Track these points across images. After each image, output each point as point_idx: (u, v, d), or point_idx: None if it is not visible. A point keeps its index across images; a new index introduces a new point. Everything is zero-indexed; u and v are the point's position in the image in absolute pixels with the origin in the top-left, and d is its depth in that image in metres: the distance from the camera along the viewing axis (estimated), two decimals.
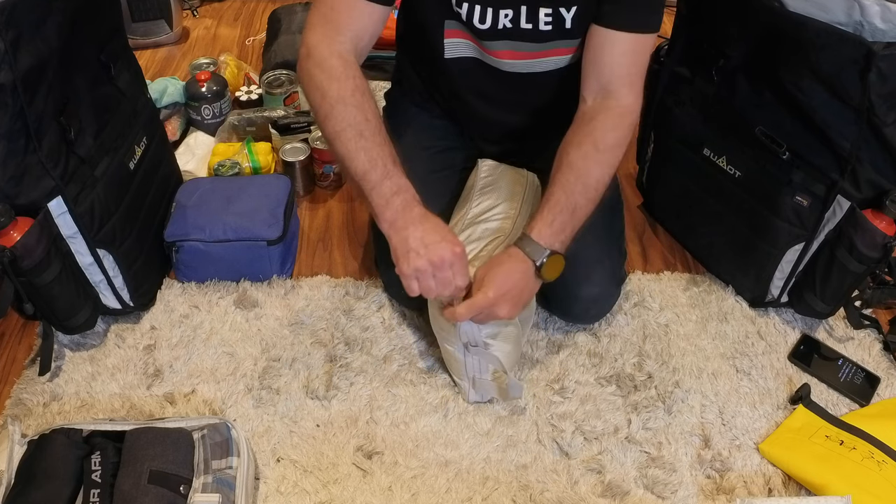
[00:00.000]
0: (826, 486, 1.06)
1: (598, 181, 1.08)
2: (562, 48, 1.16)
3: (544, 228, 1.05)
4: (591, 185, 1.07)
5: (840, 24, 1.08)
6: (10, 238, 1.06)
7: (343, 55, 1.05)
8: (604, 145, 1.08)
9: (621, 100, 1.10)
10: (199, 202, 1.39)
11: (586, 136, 1.08)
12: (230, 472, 0.99)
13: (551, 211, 1.06)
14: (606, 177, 1.09)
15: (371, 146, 1.03)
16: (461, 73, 1.23)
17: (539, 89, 1.23)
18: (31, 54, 1.02)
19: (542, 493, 1.09)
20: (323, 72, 1.04)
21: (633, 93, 1.11)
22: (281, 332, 1.31)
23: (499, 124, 1.32)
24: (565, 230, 1.06)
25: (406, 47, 1.33)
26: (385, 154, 1.03)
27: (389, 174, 1.02)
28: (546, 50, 1.16)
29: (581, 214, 1.08)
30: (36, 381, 1.22)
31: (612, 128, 1.09)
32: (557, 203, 1.06)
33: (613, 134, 1.09)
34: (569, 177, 1.07)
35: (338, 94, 1.03)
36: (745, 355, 1.28)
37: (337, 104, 1.03)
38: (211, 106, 1.74)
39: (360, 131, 1.03)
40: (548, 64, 1.19)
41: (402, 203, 1.02)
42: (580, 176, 1.07)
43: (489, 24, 1.12)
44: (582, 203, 1.07)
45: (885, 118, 1.07)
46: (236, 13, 2.38)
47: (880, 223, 1.14)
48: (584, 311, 1.28)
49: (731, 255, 1.36)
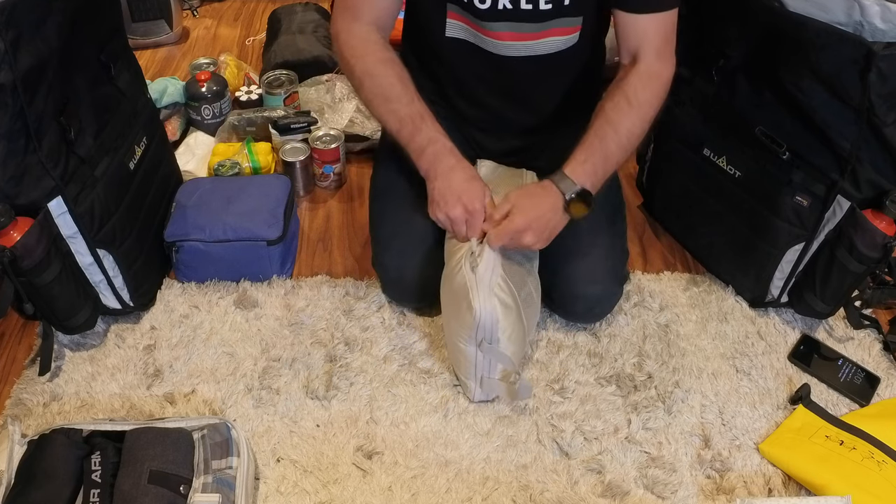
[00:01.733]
0: (826, 486, 1.06)
1: (630, 131, 1.14)
2: (561, 27, 1.18)
3: (577, 167, 1.12)
4: (622, 134, 1.14)
5: (840, 24, 1.08)
6: (10, 238, 1.06)
7: (362, 35, 1.17)
8: (636, 101, 1.15)
9: (651, 66, 1.17)
10: (199, 202, 1.39)
11: (619, 92, 1.16)
12: (230, 472, 0.99)
13: (585, 152, 1.13)
14: (637, 129, 1.15)
15: (399, 107, 1.15)
16: (461, 58, 1.24)
17: (538, 76, 1.24)
18: (31, 54, 1.02)
19: (542, 493, 1.09)
20: (347, 51, 1.18)
21: (660, 60, 1.17)
22: (281, 332, 1.31)
23: (499, 116, 1.32)
24: (597, 172, 1.13)
25: (410, 37, 1.34)
26: (413, 112, 1.14)
27: (419, 129, 1.14)
28: (545, 30, 1.18)
29: (612, 161, 1.15)
30: (36, 381, 1.22)
31: (643, 87, 1.16)
32: (591, 146, 1.13)
33: (644, 92, 1.16)
34: (603, 125, 1.14)
35: (363, 69, 1.16)
36: (745, 355, 1.28)
37: (364, 77, 1.16)
38: (211, 106, 1.74)
39: (387, 96, 1.15)
40: (547, 46, 1.20)
41: (432, 154, 1.13)
42: (612, 125, 1.14)
43: (489, 4, 1.15)
44: (613, 150, 1.14)
45: (885, 118, 1.07)
46: (236, 13, 2.38)
47: (880, 223, 1.14)
48: (587, 310, 1.29)
49: (731, 255, 1.36)
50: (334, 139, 1.62)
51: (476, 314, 1.06)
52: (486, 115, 1.33)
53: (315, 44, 1.93)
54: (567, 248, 1.24)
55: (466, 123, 1.36)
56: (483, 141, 1.37)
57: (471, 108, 1.33)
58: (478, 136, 1.37)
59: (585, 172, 1.12)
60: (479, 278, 1.07)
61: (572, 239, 1.25)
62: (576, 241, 1.24)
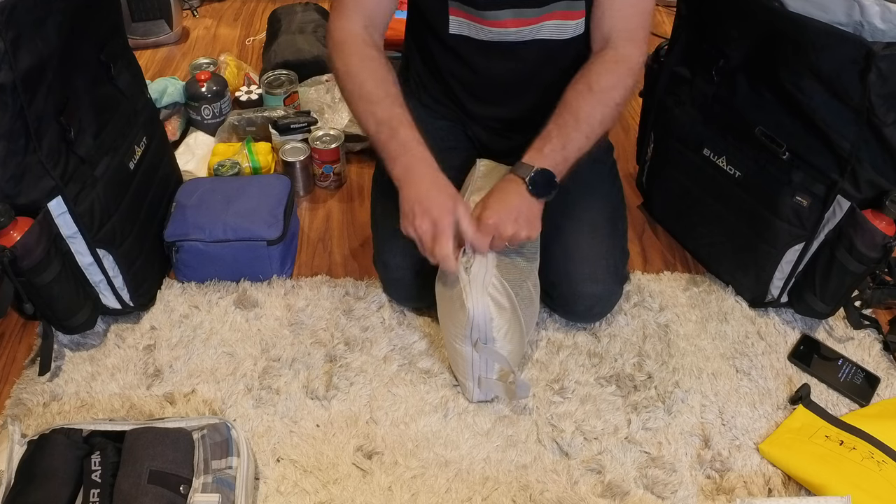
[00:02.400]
0: (826, 487, 1.06)
1: (590, 117, 1.13)
2: (562, 10, 1.19)
3: (535, 154, 1.12)
4: (581, 120, 1.13)
5: (840, 25, 1.08)
6: (10, 238, 1.06)
7: (352, 33, 1.16)
8: (598, 87, 1.14)
9: (619, 50, 1.16)
10: (199, 202, 1.39)
11: (581, 78, 1.15)
12: (230, 472, 0.99)
13: (543, 139, 1.13)
14: (598, 114, 1.14)
15: (378, 110, 1.12)
16: (465, 53, 1.25)
17: (543, 65, 1.25)
18: (31, 54, 1.02)
19: (542, 493, 1.09)
20: (335, 51, 1.16)
21: (631, 44, 1.17)
22: (281, 332, 1.31)
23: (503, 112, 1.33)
24: (555, 157, 1.12)
25: (414, 36, 1.34)
26: (393, 115, 1.11)
27: (395, 134, 1.10)
28: (546, 14, 1.18)
29: (573, 147, 1.13)
30: (36, 381, 1.22)
31: (606, 71, 1.15)
32: (549, 134, 1.13)
33: (607, 77, 1.15)
34: (562, 113, 1.13)
35: (345, 68, 1.14)
36: (745, 355, 1.28)
37: (346, 76, 1.14)
38: (211, 106, 1.74)
39: (366, 97, 1.12)
40: (549, 29, 1.20)
41: (404, 164, 1.10)
42: (572, 111, 1.13)
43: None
44: (574, 136, 1.12)
45: (885, 118, 1.07)
46: (236, 13, 2.39)
47: (880, 223, 1.14)
48: (587, 310, 1.29)
49: (730, 256, 1.36)
50: (334, 139, 1.62)
51: (469, 313, 1.06)
52: (490, 112, 1.33)
53: (315, 44, 1.93)
54: (567, 247, 1.24)
55: (471, 121, 1.36)
56: (486, 139, 1.37)
57: (475, 106, 1.33)
58: (481, 134, 1.37)
59: (542, 157, 1.11)
60: (472, 278, 1.07)
61: (573, 239, 1.25)
62: (576, 240, 1.24)
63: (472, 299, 1.06)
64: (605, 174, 1.37)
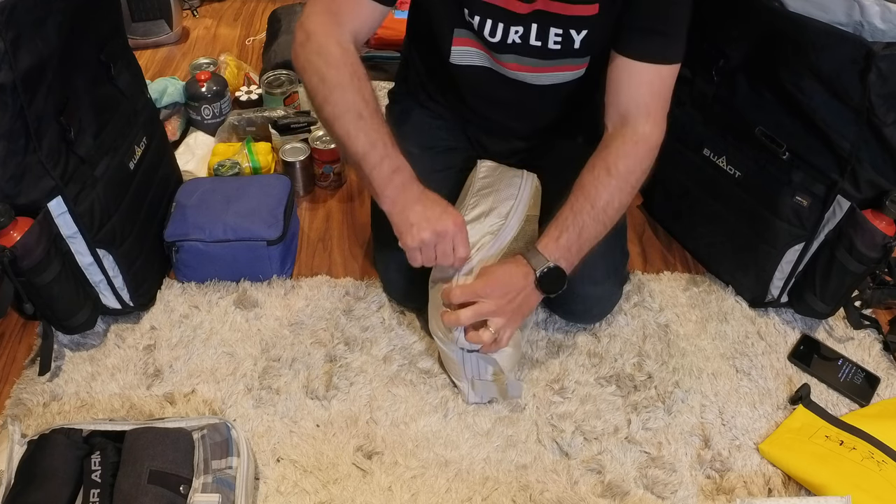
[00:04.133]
0: (826, 487, 1.06)
1: (608, 204, 1.09)
2: (569, 65, 1.18)
3: (550, 243, 1.08)
4: (599, 207, 1.08)
5: (840, 25, 1.08)
6: (9, 238, 1.06)
7: (342, 44, 1.08)
8: (615, 171, 1.08)
9: (637, 128, 1.10)
10: (199, 202, 1.39)
11: (600, 161, 1.10)
12: (230, 472, 0.99)
13: (558, 228, 1.08)
14: (616, 201, 1.10)
15: (370, 128, 1.05)
16: (467, 78, 1.24)
17: (545, 99, 1.24)
18: (31, 54, 1.02)
19: (542, 493, 1.09)
20: (321, 58, 1.07)
21: (650, 122, 1.10)
22: (281, 332, 1.31)
23: (503, 126, 1.33)
24: (571, 248, 1.08)
25: (416, 42, 1.34)
26: (383, 135, 1.06)
27: (389, 154, 1.06)
28: (553, 66, 1.18)
29: (588, 235, 1.09)
30: (36, 381, 1.22)
31: (625, 154, 1.09)
32: (565, 221, 1.08)
33: (626, 161, 1.09)
34: (579, 198, 1.09)
35: (336, 80, 1.06)
36: (745, 355, 1.28)
37: (335, 89, 1.06)
38: (211, 106, 1.74)
39: (360, 114, 1.05)
40: (553, 78, 1.20)
41: (401, 181, 1.06)
42: (589, 198, 1.08)
43: (499, 38, 1.14)
44: (590, 224, 1.08)
45: (885, 118, 1.07)
46: (236, 13, 2.38)
47: (880, 223, 1.14)
48: (586, 310, 1.28)
49: (730, 256, 1.36)
50: None
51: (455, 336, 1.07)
52: (489, 122, 1.33)
53: None
54: None
55: (470, 125, 1.36)
56: (486, 142, 1.37)
57: (475, 115, 1.33)
58: (482, 137, 1.37)
59: (559, 248, 1.08)
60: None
61: None
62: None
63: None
64: None
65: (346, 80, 1.06)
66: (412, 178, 1.07)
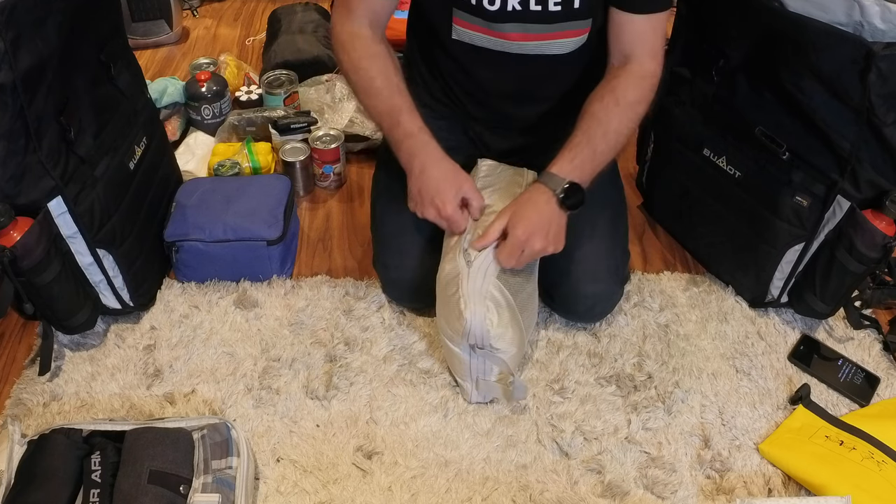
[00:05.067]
0: (826, 487, 1.06)
1: (618, 131, 1.16)
2: (572, 30, 1.19)
3: (565, 164, 1.14)
4: (610, 133, 1.15)
5: (840, 25, 1.08)
6: (9, 238, 1.06)
7: (354, 31, 1.19)
8: (624, 101, 1.16)
9: (644, 65, 1.18)
10: (199, 202, 1.39)
11: (608, 91, 1.16)
12: (230, 472, 0.99)
13: (572, 150, 1.14)
14: (625, 128, 1.17)
15: (379, 102, 1.17)
16: (467, 58, 1.25)
17: (546, 74, 1.25)
18: (31, 54, 1.02)
19: (541, 493, 1.09)
20: (340, 47, 1.21)
21: (654, 60, 1.18)
22: (281, 332, 1.31)
23: (504, 113, 1.33)
24: (584, 168, 1.14)
25: (418, 38, 1.34)
26: (392, 106, 1.16)
27: (398, 123, 1.15)
28: (555, 32, 1.19)
29: (601, 159, 1.16)
30: (36, 381, 1.22)
31: (633, 87, 1.17)
32: (578, 144, 1.14)
33: (634, 92, 1.17)
34: (591, 124, 1.15)
35: (350, 63, 1.19)
36: (745, 355, 1.28)
37: (350, 71, 1.19)
38: (211, 106, 1.74)
39: (368, 91, 1.18)
40: (558, 46, 1.21)
41: (408, 149, 1.15)
42: (601, 124, 1.15)
43: (498, 6, 1.15)
44: (602, 148, 1.15)
45: (885, 118, 1.07)
46: (236, 13, 2.39)
47: (880, 223, 1.14)
48: (588, 310, 1.29)
49: (730, 256, 1.36)
50: (334, 139, 1.62)
51: (467, 323, 1.07)
52: (490, 113, 1.33)
53: (315, 44, 1.93)
54: (568, 247, 1.24)
55: (472, 121, 1.36)
56: (487, 139, 1.37)
57: (476, 106, 1.33)
58: (483, 134, 1.37)
59: (573, 168, 1.13)
60: (471, 284, 1.07)
61: (574, 239, 1.25)
62: (577, 240, 1.24)
63: (470, 309, 1.06)
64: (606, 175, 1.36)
65: (356, 62, 1.18)
66: (424, 145, 1.15)
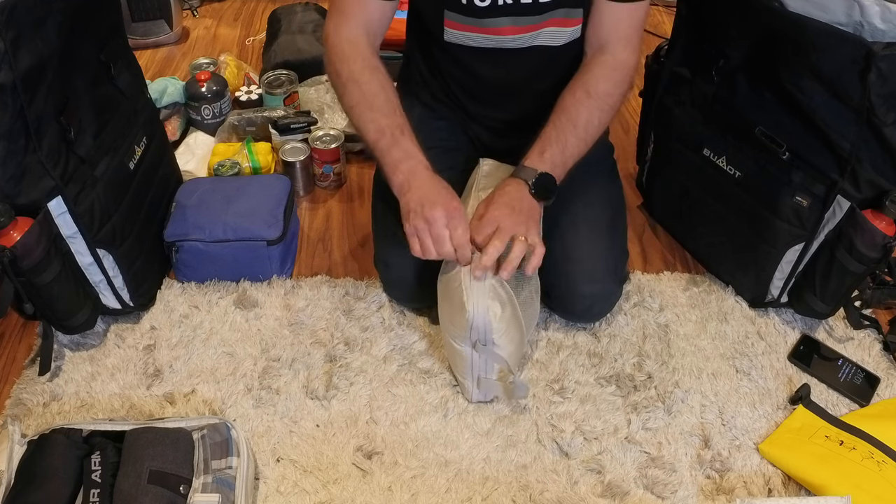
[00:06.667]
0: (826, 487, 1.06)
1: (588, 123, 1.16)
2: (564, 18, 1.19)
3: (535, 158, 1.14)
4: (580, 126, 1.15)
5: (840, 25, 1.08)
6: (9, 238, 1.06)
7: (351, 39, 1.16)
8: (595, 92, 1.16)
9: (617, 55, 1.18)
10: (199, 202, 1.39)
11: (580, 84, 1.17)
12: (230, 472, 0.99)
13: (542, 144, 1.15)
14: (596, 120, 1.17)
15: (379, 117, 1.13)
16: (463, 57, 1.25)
17: (541, 68, 1.25)
18: (31, 54, 1.02)
19: (541, 493, 1.09)
20: (335, 55, 1.16)
21: (627, 49, 1.18)
22: (281, 332, 1.31)
23: (503, 112, 1.33)
24: (555, 160, 1.14)
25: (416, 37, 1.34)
26: (394, 123, 1.12)
27: (397, 142, 1.11)
28: (548, 20, 1.19)
29: (572, 151, 1.15)
30: (36, 381, 1.22)
31: (604, 77, 1.17)
32: (548, 138, 1.15)
33: (605, 83, 1.17)
34: (561, 117, 1.15)
35: (348, 74, 1.15)
36: (745, 355, 1.28)
37: (348, 82, 1.15)
38: (211, 106, 1.74)
39: (370, 105, 1.13)
40: (548, 36, 1.21)
41: (407, 168, 1.10)
42: (570, 117, 1.15)
43: (489, 2, 1.15)
44: (572, 142, 1.15)
45: (885, 118, 1.07)
46: (236, 13, 2.39)
47: (880, 223, 1.14)
48: (586, 309, 1.29)
49: (730, 256, 1.36)
50: (334, 139, 1.62)
51: (469, 315, 1.07)
52: (489, 112, 1.34)
53: (315, 44, 1.93)
54: (567, 247, 1.24)
55: (471, 121, 1.36)
56: (487, 139, 1.38)
57: (475, 106, 1.33)
58: (482, 134, 1.37)
59: (544, 162, 1.13)
60: (473, 280, 1.07)
61: (573, 238, 1.25)
62: (576, 240, 1.24)
63: (472, 302, 1.06)
64: (606, 174, 1.37)
65: (356, 73, 1.14)
66: (419, 167, 1.11)
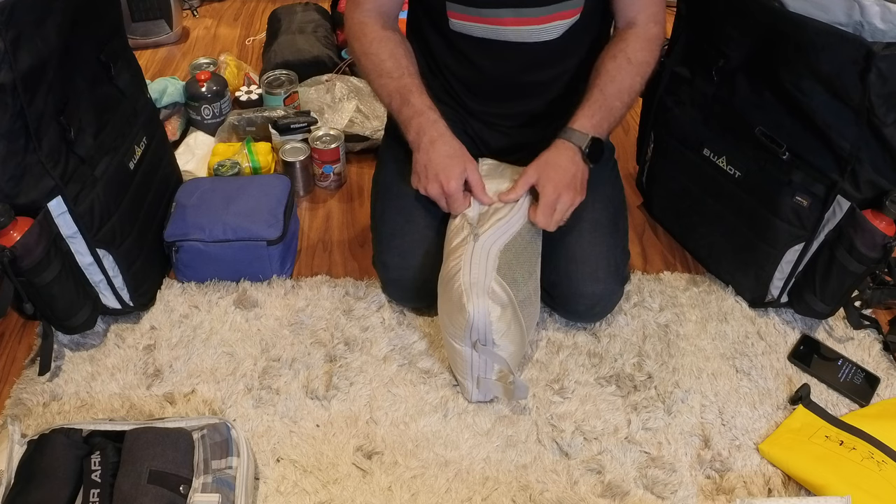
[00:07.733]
0: (826, 487, 1.06)
1: (631, 88, 1.22)
2: (565, 10, 1.20)
3: (586, 121, 1.19)
4: (624, 91, 1.21)
5: (840, 25, 1.08)
6: (9, 238, 1.06)
7: (363, 19, 1.25)
8: (635, 60, 1.21)
9: (649, 29, 1.24)
10: (199, 202, 1.39)
11: (620, 51, 1.22)
12: (230, 472, 0.99)
13: (591, 107, 1.20)
14: (637, 86, 1.23)
15: (388, 82, 1.22)
16: (465, 50, 1.26)
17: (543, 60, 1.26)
18: (31, 54, 1.02)
19: (541, 493, 1.09)
20: (350, 35, 1.27)
21: (657, 25, 1.25)
22: (281, 332, 1.31)
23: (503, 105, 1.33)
24: (602, 125, 1.20)
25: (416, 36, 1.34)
26: (402, 85, 1.20)
27: (407, 102, 1.20)
28: (550, 14, 1.19)
29: (616, 115, 1.21)
30: (36, 381, 1.22)
31: (642, 48, 1.23)
32: (596, 101, 1.20)
33: (643, 53, 1.23)
34: (606, 81, 1.20)
35: (360, 49, 1.25)
36: (745, 355, 1.28)
37: (361, 56, 1.25)
38: (211, 106, 1.74)
39: (379, 72, 1.22)
40: (552, 30, 1.21)
41: (417, 126, 1.19)
42: (615, 82, 1.20)
43: None
44: (617, 105, 1.20)
45: (885, 118, 1.07)
46: (236, 13, 2.39)
47: (880, 223, 1.14)
48: (587, 309, 1.29)
49: (730, 256, 1.36)
50: (334, 139, 1.62)
51: (469, 315, 1.07)
52: (489, 108, 1.34)
53: (315, 44, 1.93)
54: (568, 247, 1.25)
55: (471, 118, 1.36)
56: (486, 137, 1.37)
57: (475, 102, 1.33)
58: (483, 133, 1.37)
59: (593, 125, 1.18)
60: (473, 280, 1.07)
61: (574, 238, 1.25)
62: (577, 240, 1.24)
63: (472, 301, 1.06)
64: (606, 174, 1.37)
65: (366, 46, 1.23)
66: (429, 123, 1.18)
